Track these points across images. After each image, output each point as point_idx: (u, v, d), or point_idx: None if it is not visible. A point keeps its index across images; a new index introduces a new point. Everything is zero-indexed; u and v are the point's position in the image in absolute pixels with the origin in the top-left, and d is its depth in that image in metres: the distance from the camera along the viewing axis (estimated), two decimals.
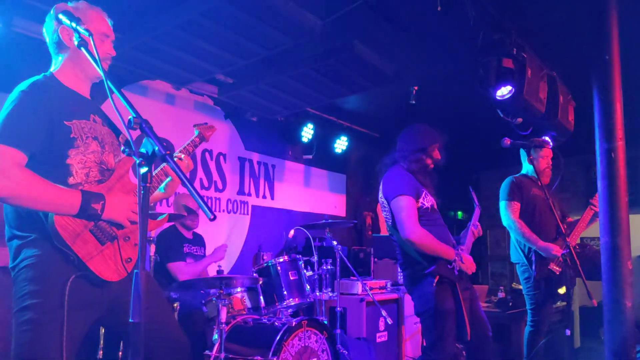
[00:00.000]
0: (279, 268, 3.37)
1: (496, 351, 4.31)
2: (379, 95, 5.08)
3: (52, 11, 1.84)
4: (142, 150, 1.23)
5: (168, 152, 1.23)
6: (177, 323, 2.10)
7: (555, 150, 3.68)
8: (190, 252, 3.80)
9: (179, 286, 3.18)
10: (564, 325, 3.97)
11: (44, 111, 1.68)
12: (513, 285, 5.91)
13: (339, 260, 3.86)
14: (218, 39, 3.42)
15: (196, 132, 2.21)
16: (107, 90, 1.46)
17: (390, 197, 2.74)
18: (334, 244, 3.83)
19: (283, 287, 3.33)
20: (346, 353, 3.49)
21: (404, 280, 2.87)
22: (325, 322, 3.34)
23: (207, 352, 2.93)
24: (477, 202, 3.03)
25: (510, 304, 4.85)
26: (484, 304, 4.91)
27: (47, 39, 1.87)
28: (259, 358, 2.82)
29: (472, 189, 3.09)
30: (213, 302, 3.31)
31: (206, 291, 3.36)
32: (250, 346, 2.95)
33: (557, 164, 3.67)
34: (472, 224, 2.91)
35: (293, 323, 2.99)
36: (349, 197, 6.63)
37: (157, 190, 2.07)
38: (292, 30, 3.36)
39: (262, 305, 3.33)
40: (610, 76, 2.85)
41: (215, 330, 2.92)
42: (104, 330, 2.97)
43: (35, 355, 1.59)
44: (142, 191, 1.18)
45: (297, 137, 5.49)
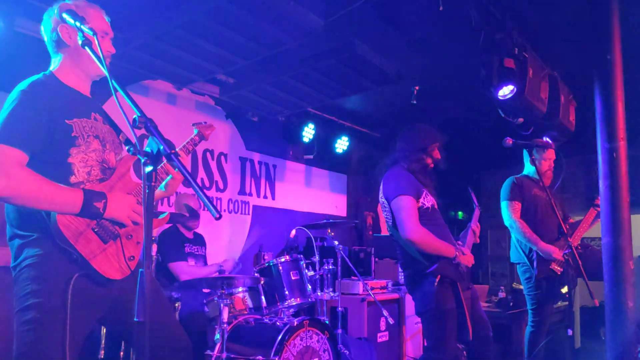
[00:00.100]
0: (280, 268, 3.37)
1: (496, 351, 4.31)
2: (380, 95, 5.08)
3: (51, 9, 1.82)
4: (147, 149, 1.23)
5: (173, 151, 1.22)
6: (178, 323, 2.10)
7: (556, 150, 3.68)
8: (192, 252, 3.80)
9: (180, 286, 3.18)
10: (565, 325, 3.97)
11: (45, 110, 1.67)
12: (514, 285, 5.90)
13: (340, 260, 3.86)
14: (219, 38, 3.42)
15: (195, 131, 2.20)
16: (112, 89, 1.45)
17: (390, 197, 2.74)
18: (335, 244, 3.83)
19: (285, 287, 3.33)
20: (347, 353, 3.48)
21: (404, 280, 2.87)
22: (327, 322, 3.34)
23: (209, 352, 2.92)
24: (476, 203, 3.03)
25: (511, 303, 4.84)
26: (485, 304, 4.90)
27: (46, 38, 1.85)
28: (261, 358, 2.82)
29: (472, 190, 3.09)
30: (214, 301, 3.30)
31: (208, 291, 3.35)
32: (252, 346, 2.94)
33: (558, 164, 3.67)
34: (472, 224, 2.91)
35: (295, 323, 2.99)
36: (349, 197, 6.63)
37: (158, 189, 2.06)
38: (294, 29, 3.36)
39: (264, 305, 3.33)
40: (612, 76, 2.85)
41: (216, 330, 2.91)
42: (105, 330, 2.97)
43: (37, 355, 1.57)
44: (148, 190, 1.18)
45: (298, 137, 5.49)
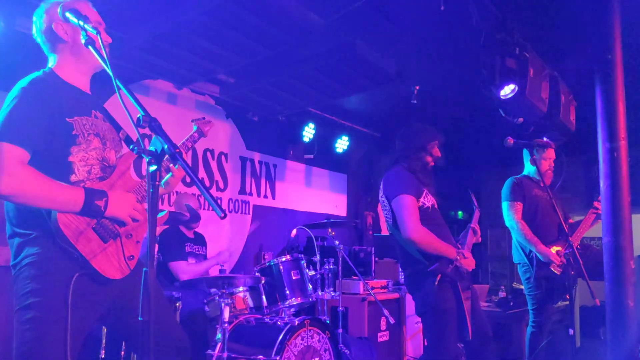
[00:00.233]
0: (281, 267, 3.37)
1: (496, 351, 4.31)
2: (380, 95, 5.08)
3: (40, 8, 1.80)
4: (151, 148, 1.22)
5: (177, 150, 1.22)
6: (177, 322, 2.09)
7: (557, 150, 3.68)
8: (192, 252, 3.80)
9: (181, 285, 3.17)
10: (565, 325, 3.96)
11: (45, 108, 1.66)
12: (514, 285, 5.91)
13: (341, 259, 3.86)
14: (220, 38, 3.41)
15: (194, 128, 2.18)
16: (116, 88, 1.45)
17: (391, 196, 2.74)
18: (336, 244, 3.83)
19: (285, 286, 3.32)
20: (348, 352, 3.48)
21: (405, 279, 2.86)
22: (328, 322, 3.34)
23: (210, 351, 2.92)
24: (476, 204, 3.04)
25: (511, 303, 4.85)
26: (485, 304, 4.91)
27: (39, 36, 1.83)
28: (262, 357, 2.82)
29: (472, 191, 3.10)
30: (215, 301, 3.30)
31: (208, 290, 3.35)
32: (253, 345, 2.94)
33: (559, 164, 3.67)
34: (471, 224, 2.92)
35: (296, 322, 2.99)
36: (349, 196, 6.62)
37: None
38: (294, 29, 3.36)
39: (265, 304, 3.33)
40: (613, 75, 2.85)
41: (217, 330, 2.91)
42: (105, 329, 2.97)
43: (37, 355, 1.56)
44: (152, 190, 1.17)
45: (299, 136, 5.49)
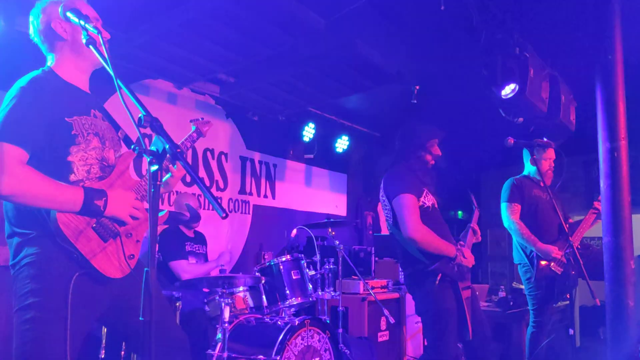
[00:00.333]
0: (281, 267, 3.37)
1: (496, 351, 4.31)
2: (381, 94, 5.07)
3: (36, 7, 1.79)
4: (153, 148, 1.22)
5: (179, 150, 1.22)
6: (175, 321, 2.09)
7: (558, 150, 3.68)
8: (192, 251, 3.80)
9: (181, 285, 3.17)
10: (565, 325, 3.97)
11: (45, 108, 1.65)
12: (513, 285, 5.90)
13: (341, 259, 3.86)
14: (220, 37, 3.41)
15: (193, 128, 2.17)
16: (117, 88, 1.45)
17: (391, 195, 2.74)
18: (336, 244, 3.83)
19: (286, 286, 3.32)
20: (348, 352, 3.49)
21: (405, 279, 2.86)
22: (328, 322, 3.34)
23: (210, 351, 2.92)
24: (475, 204, 3.04)
25: (511, 303, 4.84)
26: (485, 304, 4.90)
27: (37, 35, 1.81)
28: (262, 357, 2.82)
29: (471, 191, 3.11)
30: (215, 301, 3.30)
31: (209, 290, 3.35)
32: (253, 345, 2.94)
33: (560, 164, 3.67)
34: (471, 224, 2.92)
35: (296, 322, 2.99)
36: (349, 196, 6.62)
37: None
38: (295, 29, 3.36)
39: (265, 304, 3.33)
40: (613, 76, 2.86)
41: (218, 330, 2.91)
42: (105, 329, 2.97)
43: (37, 355, 1.56)
44: (153, 189, 1.17)
45: (299, 136, 5.49)
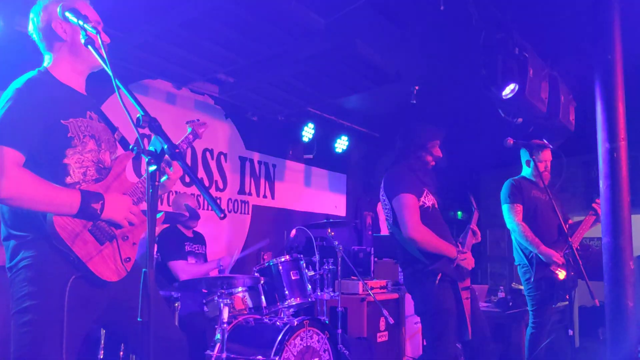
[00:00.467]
0: (280, 267, 3.36)
1: (495, 351, 4.31)
2: (380, 94, 5.06)
3: (37, 5, 1.78)
4: (151, 148, 1.22)
5: (177, 150, 1.21)
6: (174, 322, 2.09)
7: (557, 151, 3.68)
8: (192, 251, 3.79)
9: (180, 286, 3.17)
10: (565, 326, 3.97)
11: (40, 110, 1.64)
12: (513, 285, 5.90)
13: (340, 260, 3.86)
14: (220, 37, 3.41)
15: (189, 130, 2.16)
16: (115, 88, 1.44)
17: (392, 195, 2.74)
18: (335, 244, 3.82)
19: (285, 286, 3.32)
20: (347, 353, 3.48)
21: (404, 279, 2.86)
22: (327, 322, 3.33)
23: (209, 351, 2.91)
24: (475, 205, 3.04)
25: (510, 303, 4.84)
26: (484, 304, 4.90)
27: (36, 32, 1.80)
28: (261, 358, 2.81)
29: (471, 193, 3.12)
30: (214, 301, 3.29)
31: (207, 291, 3.35)
32: (252, 346, 2.94)
33: (559, 165, 3.67)
34: (471, 225, 2.92)
35: (295, 323, 2.99)
36: (349, 196, 6.62)
37: None
38: (294, 28, 3.35)
39: (264, 304, 3.32)
40: (613, 76, 2.85)
41: (217, 330, 2.91)
42: (104, 331, 2.96)
43: (35, 357, 1.56)
44: (151, 190, 1.17)
45: (298, 136, 5.48)
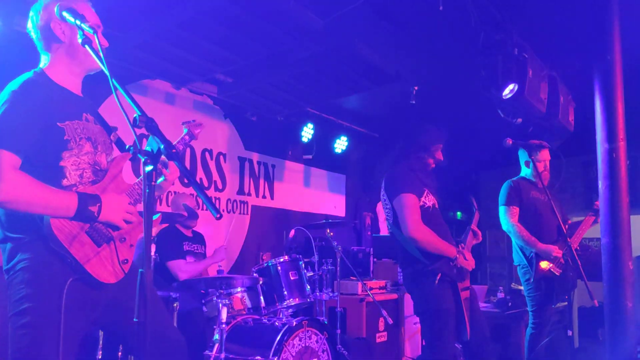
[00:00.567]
0: (279, 268, 3.36)
1: (495, 351, 4.30)
2: (379, 95, 5.07)
3: (37, 5, 1.77)
4: (148, 148, 1.21)
5: (174, 150, 1.21)
6: (172, 322, 2.08)
7: (556, 151, 3.68)
8: (191, 250, 3.78)
9: (179, 286, 3.17)
10: (564, 326, 3.96)
11: (37, 112, 1.63)
12: (512, 286, 5.90)
13: (339, 260, 3.86)
14: (218, 37, 3.41)
15: (185, 130, 2.14)
16: (112, 88, 1.44)
17: (392, 195, 2.74)
18: (334, 244, 3.82)
19: (283, 287, 3.32)
20: (346, 353, 3.48)
21: (403, 279, 2.86)
22: (326, 322, 3.33)
23: (207, 352, 2.91)
24: (476, 206, 3.04)
25: (510, 304, 4.84)
26: (484, 304, 4.90)
27: (35, 30, 1.79)
28: (260, 358, 2.81)
29: (471, 193, 3.12)
30: (213, 301, 3.29)
31: (206, 291, 3.34)
32: (251, 346, 2.93)
33: (558, 165, 3.67)
34: (471, 226, 2.92)
35: (294, 323, 2.98)
36: (348, 197, 6.62)
37: None
38: (293, 29, 3.36)
39: (263, 305, 3.32)
40: (612, 76, 2.86)
41: (215, 330, 2.91)
42: (102, 332, 2.96)
43: (33, 359, 1.55)
44: (148, 190, 1.16)
45: (297, 137, 5.48)
